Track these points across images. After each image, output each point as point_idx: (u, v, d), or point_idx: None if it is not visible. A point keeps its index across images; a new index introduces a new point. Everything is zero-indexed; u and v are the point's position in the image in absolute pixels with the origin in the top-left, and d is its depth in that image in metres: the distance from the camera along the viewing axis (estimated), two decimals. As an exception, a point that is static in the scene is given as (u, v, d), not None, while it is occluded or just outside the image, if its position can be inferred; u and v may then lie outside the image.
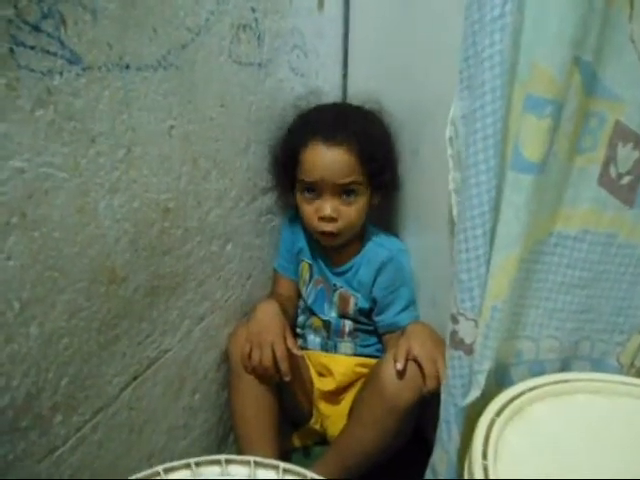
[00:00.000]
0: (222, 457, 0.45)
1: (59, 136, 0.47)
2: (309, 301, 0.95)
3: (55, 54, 0.45)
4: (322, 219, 0.83)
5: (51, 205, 0.47)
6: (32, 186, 0.45)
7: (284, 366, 0.77)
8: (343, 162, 0.80)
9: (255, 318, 0.82)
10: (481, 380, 0.57)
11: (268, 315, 0.82)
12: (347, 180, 0.81)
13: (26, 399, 0.49)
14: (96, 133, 0.51)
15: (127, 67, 0.53)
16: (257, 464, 0.45)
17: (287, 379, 0.78)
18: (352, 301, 0.91)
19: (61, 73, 0.46)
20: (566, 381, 0.58)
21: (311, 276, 0.95)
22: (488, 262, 0.56)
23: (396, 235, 0.94)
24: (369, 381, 0.81)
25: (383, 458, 0.81)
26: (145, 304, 0.64)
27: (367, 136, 0.82)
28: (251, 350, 0.79)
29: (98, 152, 0.52)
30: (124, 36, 0.52)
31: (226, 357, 0.84)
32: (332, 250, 0.91)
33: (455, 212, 0.63)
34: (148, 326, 0.65)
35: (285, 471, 0.45)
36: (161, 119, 0.60)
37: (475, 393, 0.57)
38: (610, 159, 0.55)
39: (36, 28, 0.43)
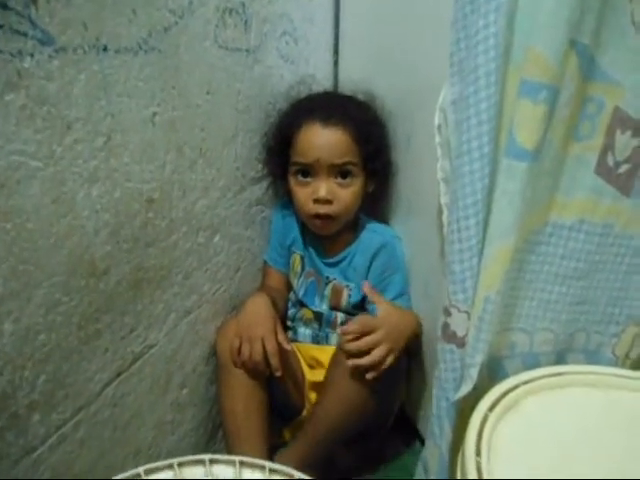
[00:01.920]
0: (206, 457, 0.43)
1: (32, 122, 0.44)
2: (300, 294, 0.94)
3: (25, 34, 0.42)
4: (317, 201, 0.81)
5: (24, 195, 0.45)
6: (3, 175, 0.43)
7: (274, 361, 0.76)
8: (339, 142, 0.80)
9: (245, 311, 0.80)
10: (473, 374, 0.55)
11: (258, 308, 0.80)
12: (343, 160, 0.80)
13: (1, 398, 0.46)
14: (72, 119, 0.48)
15: (105, 49, 0.51)
16: (242, 464, 0.44)
17: (278, 374, 0.77)
18: (345, 293, 0.90)
19: (32, 55, 0.43)
20: (561, 374, 0.57)
21: (303, 268, 0.93)
22: (481, 252, 0.54)
23: (388, 224, 0.92)
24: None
25: (355, 430, 0.81)
26: (128, 298, 0.61)
27: (362, 119, 0.82)
28: (241, 345, 0.77)
29: (75, 139, 0.49)
30: (101, 16, 0.49)
31: (214, 351, 0.82)
32: (325, 240, 0.90)
33: (443, 201, 0.61)
34: (132, 320, 0.63)
35: (272, 471, 0.44)
36: (143, 105, 0.58)
37: (467, 387, 0.56)
38: (608, 147, 0.53)
39: (3, 6, 0.40)
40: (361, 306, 0.90)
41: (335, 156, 0.79)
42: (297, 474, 0.43)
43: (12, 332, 0.46)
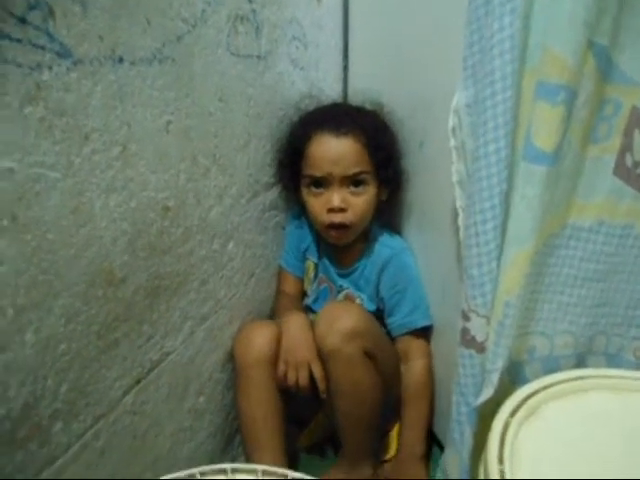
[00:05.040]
0: (228, 466, 0.43)
1: (50, 134, 0.45)
2: (309, 300, 0.94)
3: (43, 47, 0.42)
4: (331, 210, 0.81)
5: (43, 206, 0.45)
6: (23, 187, 0.43)
7: (323, 385, 0.77)
8: (351, 152, 0.79)
9: (288, 335, 0.80)
10: (494, 379, 0.55)
11: (301, 331, 0.80)
12: (355, 170, 0.80)
13: (24, 409, 0.47)
14: (89, 130, 0.49)
15: (120, 60, 0.51)
16: (265, 473, 0.43)
17: (324, 397, 0.77)
18: (357, 302, 0.89)
19: (50, 67, 0.43)
20: (582, 378, 0.56)
21: (316, 275, 0.93)
22: (499, 257, 0.54)
23: (401, 232, 0.92)
24: None
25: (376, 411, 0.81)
26: (145, 306, 0.62)
27: (371, 128, 0.82)
28: (287, 370, 0.78)
29: (92, 150, 0.50)
30: (116, 28, 0.50)
31: (231, 357, 0.82)
32: (339, 250, 0.90)
33: (459, 204, 0.61)
34: (149, 328, 0.63)
35: (294, 480, 0.43)
36: (157, 114, 0.58)
37: (488, 393, 0.55)
38: (626, 147, 0.53)
39: (22, 20, 0.40)
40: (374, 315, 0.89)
41: (347, 167, 0.79)
42: (319, 483, 0.42)
43: (34, 343, 0.47)
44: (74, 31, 0.45)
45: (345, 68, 1.01)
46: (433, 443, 0.90)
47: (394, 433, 0.91)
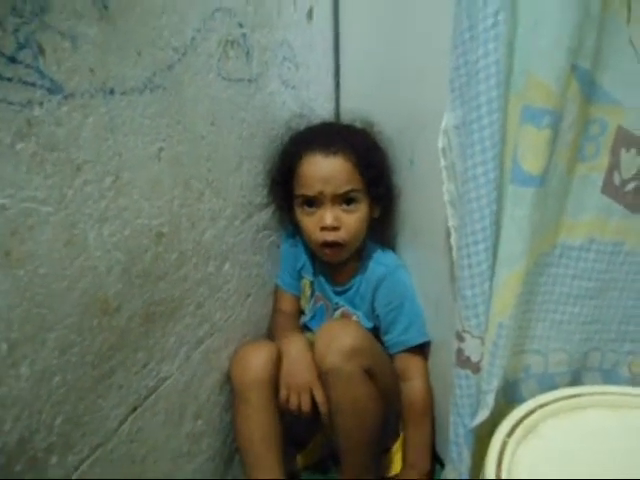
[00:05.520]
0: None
1: (42, 168, 0.45)
2: (306, 318, 0.94)
3: (34, 84, 0.43)
4: (324, 229, 0.82)
5: (36, 241, 0.45)
6: (15, 223, 0.43)
7: (324, 408, 0.77)
8: (341, 171, 0.80)
9: (288, 358, 0.80)
10: (490, 400, 0.55)
11: (302, 355, 0.80)
12: (346, 188, 0.80)
13: (19, 443, 0.46)
14: (81, 162, 0.49)
15: (111, 92, 0.52)
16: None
17: (325, 419, 0.78)
18: (354, 320, 0.89)
19: (41, 103, 0.44)
20: (577, 395, 0.56)
21: (312, 293, 0.93)
22: (492, 277, 0.54)
23: (395, 248, 0.92)
24: None
25: (376, 432, 0.80)
26: (140, 333, 0.62)
27: (361, 146, 0.82)
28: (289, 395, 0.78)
29: (84, 181, 0.50)
30: (106, 61, 0.50)
31: (228, 379, 0.82)
32: (333, 268, 0.90)
33: (450, 223, 0.61)
34: (145, 355, 0.63)
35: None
36: (149, 142, 0.58)
37: (484, 414, 0.55)
38: (613, 166, 0.53)
39: (12, 60, 0.41)
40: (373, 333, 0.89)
41: (338, 186, 0.80)
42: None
43: (28, 376, 0.47)
44: (64, 66, 0.46)
45: (337, 87, 1.02)
46: (435, 461, 0.89)
47: (395, 449, 0.90)
